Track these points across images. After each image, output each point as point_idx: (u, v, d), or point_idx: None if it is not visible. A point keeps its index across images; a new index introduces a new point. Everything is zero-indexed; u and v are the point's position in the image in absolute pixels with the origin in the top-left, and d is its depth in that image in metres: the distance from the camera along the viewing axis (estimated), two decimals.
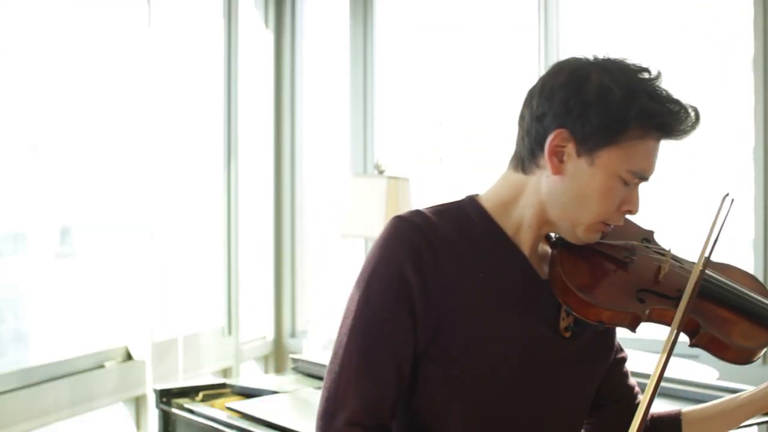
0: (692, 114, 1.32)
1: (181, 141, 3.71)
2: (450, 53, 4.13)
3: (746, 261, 3.38)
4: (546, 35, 3.82)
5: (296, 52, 4.40)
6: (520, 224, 1.37)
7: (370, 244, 3.83)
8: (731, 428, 1.44)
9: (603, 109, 1.28)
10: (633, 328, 1.33)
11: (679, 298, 1.32)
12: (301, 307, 4.42)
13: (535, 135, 1.33)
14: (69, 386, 3.00)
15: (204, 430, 2.19)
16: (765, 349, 1.38)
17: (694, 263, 1.40)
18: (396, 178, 3.48)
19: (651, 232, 1.49)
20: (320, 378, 2.50)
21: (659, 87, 1.32)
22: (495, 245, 1.36)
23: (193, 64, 3.80)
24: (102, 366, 3.19)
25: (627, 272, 1.39)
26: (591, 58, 1.35)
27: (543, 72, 1.40)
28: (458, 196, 1.43)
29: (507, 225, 1.38)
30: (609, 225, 1.36)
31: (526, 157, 1.36)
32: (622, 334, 1.46)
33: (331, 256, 4.42)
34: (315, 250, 4.47)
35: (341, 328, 1.32)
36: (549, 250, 1.41)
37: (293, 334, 4.38)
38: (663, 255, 1.43)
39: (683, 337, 1.35)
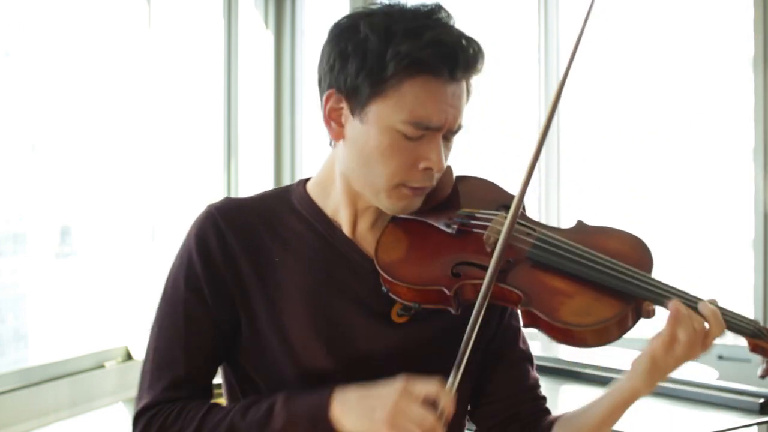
0: (465, 50, 1.18)
1: (181, 141, 3.71)
2: None
3: (746, 261, 3.38)
4: (546, 35, 3.82)
5: (296, 52, 4.39)
6: (337, 203, 1.29)
7: None
8: (601, 425, 1.25)
9: (359, 58, 1.17)
10: (452, 308, 1.17)
11: (503, 271, 1.14)
12: None
13: (320, 104, 1.25)
14: (69, 386, 2.99)
15: None
16: (626, 327, 1.15)
17: (539, 224, 1.22)
18: None
19: (512, 197, 1.25)
20: None
21: (424, 23, 1.18)
22: (311, 228, 1.29)
23: (193, 64, 3.79)
24: (102, 366, 3.19)
25: (448, 244, 1.21)
26: (361, 9, 1.23)
27: (543, 72, 1.37)
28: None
29: (326, 205, 1.31)
30: (418, 189, 1.22)
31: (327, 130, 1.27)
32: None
33: None
34: None
35: (158, 302, 1.32)
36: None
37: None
38: (492, 220, 1.22)
39: None
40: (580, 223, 1.27)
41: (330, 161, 1.32)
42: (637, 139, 3.70)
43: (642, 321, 1.20)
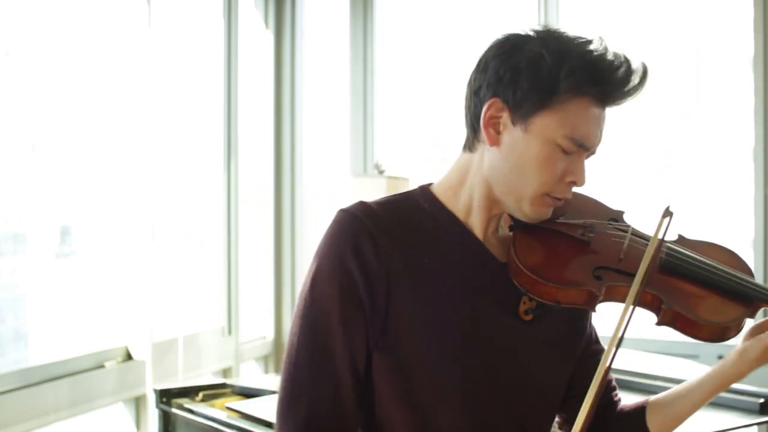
0: (634, 73, 1.29)
1: (181, 141, 3.71)
2: (450, 53, 4.13)
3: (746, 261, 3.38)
4: None
5: (296, 52, 4.39)
6: (470, 206, 1.35)
7: None
8: (695, 408, 1.40)
9: (533, 73, 1.26)
10: (591, 307, 1.30)
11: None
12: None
13: (474, 109, 1.32)
14: (69, 386, 3.00)
15: (204, 430, 2.19)
16: (741, 326, 1.34)
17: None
18: (396, 178, 3.48)
19: (620, 213, 1.44)
20: None
21: (596, 49, 1.28)
22: (445, 231, 1.34)
23: (193, 64, 3.79)
24: (102, 366, 3.19)
25: (585, 250, 1.34)
26: (529, 31, 1.32)
27: None
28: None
29: (457, 209, 1.35)
30: (558, 199, 1.32)
31: (470, 135, 1.35)
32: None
33: None
34: (315, 251, 4.46)
35: (292, 327, 1.32)
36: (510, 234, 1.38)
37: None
38: (624, 232, 1.38)
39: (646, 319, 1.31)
40: (682, 237, 1.44)
41: (461, 166, 1.37)
42: (637, 139, 3.70)
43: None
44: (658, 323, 1.32)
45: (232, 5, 3.95)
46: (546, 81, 1.25)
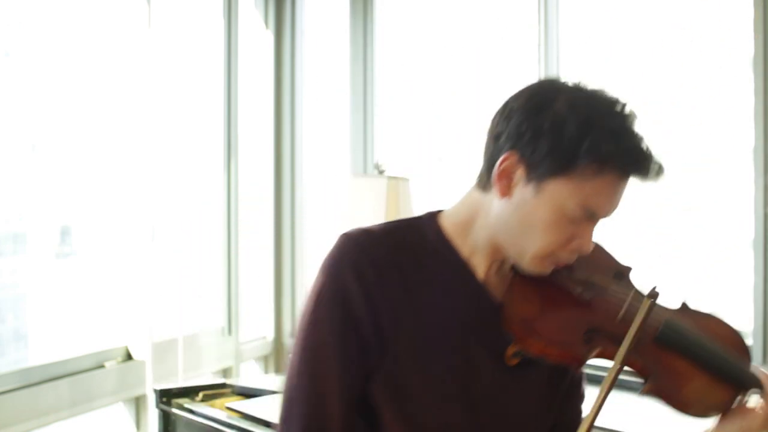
0: (653, 165, 1.26)
1: (181, 141, 3.71)
2: (450, 53, 4.13)
3: (746, 261, 3.38)
4: (546, 35, 3.82)
5: (296, 52, 4.39)
6: (475, 247, 1.34)
7: None
8: None
9: (554, 138, 1.22)
10: (576, 368, 1.31)
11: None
12: (301, 307, 4.41)
13: (491, 154, 1.30)
14: (69, 386, 2.99)
15: (204, 430, 2.20)
16: (728, 409, 1.31)
17: (666, 308, 1.34)
18: (396, 178, 3.47)
19: (628, 269, 1.39)
20: None
21: (624, 125, 1.25)
22: (447, 268, 1.33)
23: (193, 64, 3.79)
24: (102, 366, 3.19)
25: (581, 309, 1.31)
26: (565, 82, 1.29)
27: (543, 72, 1.39)
28: (421, 211, 1.40)
29: (463, 246, 1.34)
30: (560, 262, 1.29)
31: (484, 174, 1.33)
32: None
33: None
34: (315, 251, 4.46)
35: (294, 347, 1.32)
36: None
37: (293, 334, 4.37)
38: (624, 294, 1.34)
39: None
40: (685, 306, 1.38)
41: (473, 203, 1.35)
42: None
43: None
44: (642, 393, 1.29)
45: (232, 5, 3.95)
46: (566, 149, 1.22)
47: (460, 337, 1.30)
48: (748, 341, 1.39)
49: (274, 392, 2.34)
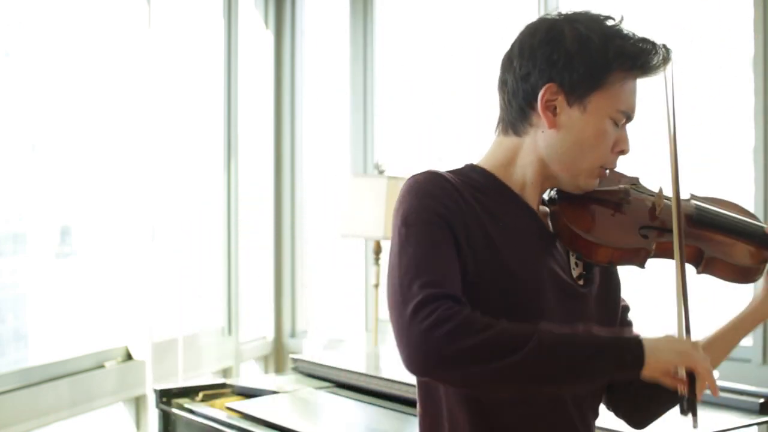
0: (663, 50, 1.41)
1: (181, 141, 3.71)
2: (450, 53, 4.13)
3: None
4: None
5: (296, 52, 4.40)
6: (523, 183, 1.41)
7: (371, 245, 3.83)
8: (732, 348, 1.50)
9: (586, 56, 1.34)
10: (642, 264, 1.41)
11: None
12: (301, 307, 4.42)
13: (523, 95, 1.39)
14: (69, 386, 3.00)
15: (204, 430, 2.19)
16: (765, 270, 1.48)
17: (682, 199, 1.49)
18: (396, 178, 3.48)
19: (637, 178, 1.56)
20: (320, 378, 2.50)
21: (623, 27, 1.39)
22: (506, 200, 1.39)
23: (193, 65, 3.80)
24: (102, 366, 3.19)
25: (626, 213, 1.46)
26: (556, 15, 1.41)
27: None
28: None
29: (511, 184, 1.41)
30: (607, 169, 1.42)
31: (516, 119, 1.40)
32: None
33: (331, 256, 4.42)
34: (315, 250, 4.47)
35: (389, 269, 1.30)
36: (546, 209, 1.45)
37: (293, 334, 4.38)
38: (653, 194, 1.51)
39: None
40: (693, 195, 1.55)
41: (508, 148, 1.42)
42: (636, 139, 3.69)
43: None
44: (700, 272, 1.45)
45: (232, 5, 3.95)
46: (598, 63, 1.34)
47: (539, 257, 1.37)
48: (748, 341, 1.43)
49: (274, 392, 2.34)
